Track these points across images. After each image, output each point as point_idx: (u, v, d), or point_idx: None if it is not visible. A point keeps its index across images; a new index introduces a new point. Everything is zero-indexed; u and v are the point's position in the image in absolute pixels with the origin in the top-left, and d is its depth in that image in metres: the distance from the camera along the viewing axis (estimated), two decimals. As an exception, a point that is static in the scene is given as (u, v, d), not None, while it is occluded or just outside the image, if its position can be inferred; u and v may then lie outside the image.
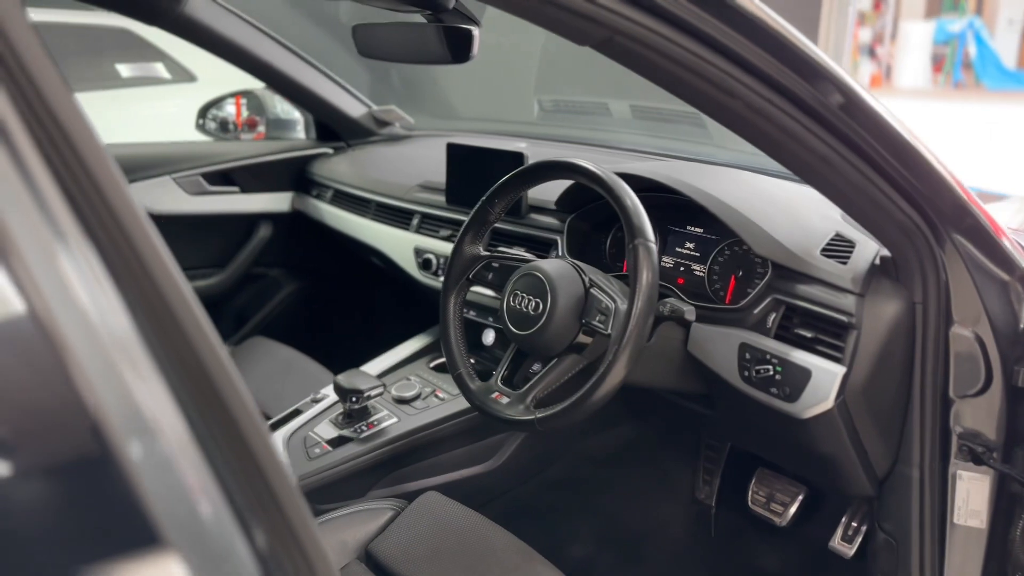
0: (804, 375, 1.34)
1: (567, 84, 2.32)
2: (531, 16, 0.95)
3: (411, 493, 1.74)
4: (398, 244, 2.12)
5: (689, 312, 1.33)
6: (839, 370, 1.30)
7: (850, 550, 1.78)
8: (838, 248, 1.40)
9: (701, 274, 1.61)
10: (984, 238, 1.31)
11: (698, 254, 1.63)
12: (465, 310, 2.01)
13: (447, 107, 2.68)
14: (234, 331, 2.61)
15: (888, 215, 1.24)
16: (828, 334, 1.34)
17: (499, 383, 1.44)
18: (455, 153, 1.96)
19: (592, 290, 1.35)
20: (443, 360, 2.04)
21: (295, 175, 2.59)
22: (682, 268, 1.65)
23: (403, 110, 2.61)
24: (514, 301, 1.40)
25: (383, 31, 1.20)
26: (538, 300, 1.36)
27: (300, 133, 2.69)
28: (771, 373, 1.37)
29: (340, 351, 2.20)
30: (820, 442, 1.40)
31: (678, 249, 1.67)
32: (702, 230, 1.63)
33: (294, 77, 2.37)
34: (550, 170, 1.42)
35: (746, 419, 1.57)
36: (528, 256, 1.49)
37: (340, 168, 2.49)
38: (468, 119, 2.63)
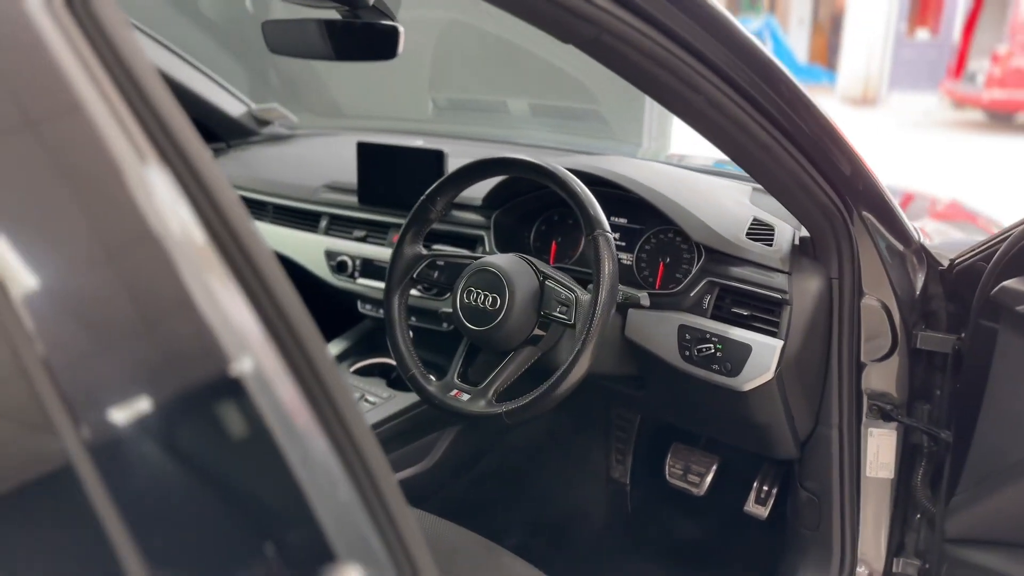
0: (744, 350, 1.43)
1: (463, 83, 2.32)
2: (522, 11, 0.96)
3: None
4: (305, 247, 2.05)
5: (644, 298, 1.40)
6: (777, 343, 1.41)
7: (764, 511, 1.92)
8: (759, 232, 1.51)
9: (629, 263, 1.68)
10: (888, 212, 1.46)
11: (624, 243, 1.70)
12: (367, 306, 1.99)
13: (332, 105, 2.61)
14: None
15: (813, 198, 1.36)
16: (763, 311, 1.44)
17: (456, 379, 1.44)
18: (367, 152, 1.93)
19: (548, 283, 1.38)
20: (367, 363, 2.01)
21: None
22: (607, 257, 1.72)
23: (285, 108, 2.52)
24: (468, 298, 1.40)
25: (297, 28, 1.12)
26: (495, 295, 1.37)
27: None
28: (712, 351, 1.46)
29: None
30: (757, 412, 1.51)
31: (604, 239, 1.73)
32: (626, 220, 1.70)
33: (168, 73, 2.23)
34: (497, 166, 1.43)
35: (683, 396, 1.65)
36: (473, 253, 1.50)
37: (225, 170, 2.36)
38: (356, 117, 2.58)
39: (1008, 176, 8.48)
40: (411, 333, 1.65)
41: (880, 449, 1.60)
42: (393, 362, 1.99)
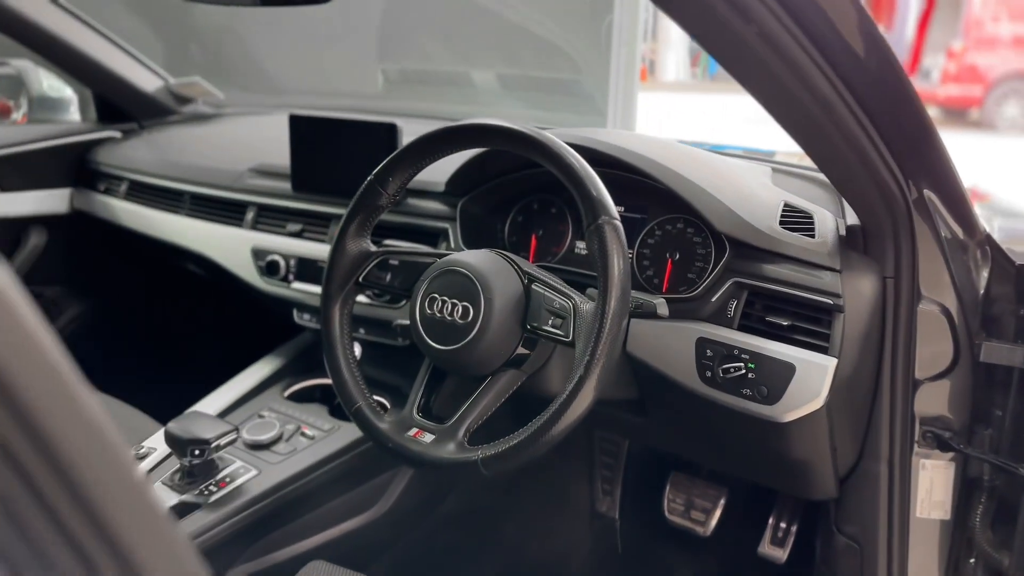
0: (785, 371, 1.13)
1: (419, 51, 1.99)
2: None
3: (284, 564, 1.36)
4: (228, 245, 1.70)
5: (661, 306, 1.08)
6: (829, 362, 1.10)
7: (783, 554, 1.63)
8: (795, 220, 1.21)
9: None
10: (955, 192, 1.18)
11: (621, 237, 1.38)
12: (304, 316, 1.65)
13: (264, 79, 2.25)
14: None
15: (874, 173, 1.06)
16: (808, 320, 1.14)
17: (416, 414, 1.10)
18: (302, 128, 1.58)
19: (536, 287, 1.05)
20: (304, 386, 1.66)
21: (73, 167, 2.04)
22: (600, 255, 1.40)
23: (208, 84, 2.15)
24: (432, 307, 1.07)
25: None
26: (466, 304, 1.04)
27: (75, 115, 2.15)
28: (742, 371, 1.15)
29: (155, 388, 1.74)
30: (797, 447, 1.21)
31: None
32: (623, 208, 1.38)
33: (67, 40, 1.85)
34: (467, 136, 1.10)
35: (698, 426, 1.34)
36: (436, 250, 1.17)
37: (136, 154, 1.99)
38: (293, 93, 2.22)
39: (964, 172, 8.43)
40: (357, 351, 1.31)
41: (934, 485, 1.32)
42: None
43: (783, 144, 1.47)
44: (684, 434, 1.42)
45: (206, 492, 1.31)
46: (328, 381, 1.64)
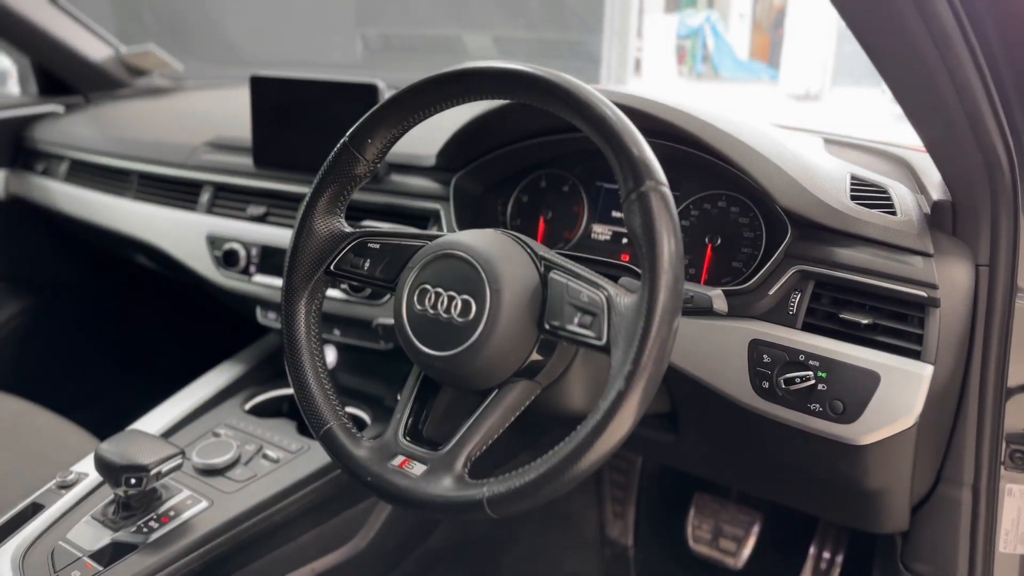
0: (867, 381, 0.90)
1: (402, 13, 1.75)
2: None
3: (241, 614, 1.12)
4: (179, 232, 1.45)
5: (718, 299, 0.84)
6: (924, 369, 0.88)
7: (827, 589, 1.40)
8: (867, 195, 0.99)
9: (657, 246, 1.13)
10: None
11: (649, 218, 1.15)
12: (270, 315, 1.41)
13: (228, 49, 2.01)
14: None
15: (980, 133, 0.85)
16: (895, 317, 0.91)
17: (402, 438, 0.86)
18: (265, 92, 1.34)
19: (555, 275, 0.82)
20: (266, 399, 1.42)
21: (8, 145, 1.79)
22: (625, 240, 1.17)
23: (165, 53, 1.89)
24: (422, 302, 0.84)
25: None
26: (467, 298, 0.81)
27: (12, 87, 1.90)
28: (811, 382, 0.92)
29: (100, 399, 1.49)
30: (875, 474, 0.99)
31: (616, 214, 1.18)
32: (651, 183, 1.15)
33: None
34: (468, 84, 0.86)
35: (746, 447, 1.11)
36: (427, 231, 0.94)
37: (78, 130, 1.74)
38: (261, 64, 1.98)
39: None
40: (331, 357, 1.07)
41: (1022, 513, 1.10)
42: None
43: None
44: (727, 456, 1.19)
45: (145, 529, 1.07)
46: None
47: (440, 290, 0.82)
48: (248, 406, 1.39)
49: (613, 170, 0.76)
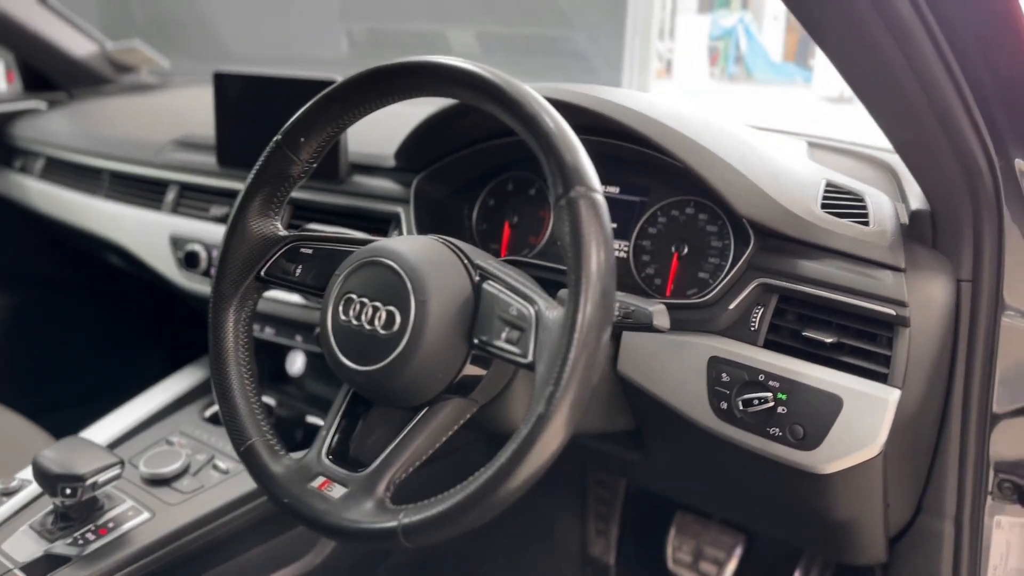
0: (829, 405, 0.83)
1: (387, 8, 1.70)
2: None
3: (181, 632, 1.08)
4: (144, 231, 1.42)
5: (659, 315, 0.78)
6: (890, 393, 0.81)
7: (811, 617, 1.33)
8: (841, 202, 0.92)
9: (623, 254, 1.07)
10: None
11: (615, 225, 1.09)
12: (256, 326, 1.36)
13: (215, 45, 1.98)
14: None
15: (955, 137, 0.78)
16: (862, 336, 0.85)
17: (325, 458, 0.81)
18: (228, 87, 1.30)
19: (487, 285, 0.76)
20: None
21: None
22: (591, 246, 1.10)
23: (152, 50, 1.87)
24: (347, 312, 0.78)
25: None
26: (391, 309, 0.75)
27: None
28: (769, 404, 0.86)
29: (68, 401, 1.46)
30: (842, 504, 0.92)
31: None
32: (618, 189, 1.09)
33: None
34: (398, 80, 0.81)
35: (708, 469, 1.05)
36: (362, 235, 0.89)
37: (56, 127, 1.72)
38: (248, 61, 1.95)
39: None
40: (299, 364, 1.03)
41: (1011, 548, 1.04)
42: (272, 402, 1.36)
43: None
44: (691, 477, 1.12)
45: (81, 541, 1.03)
46: (264, 400, 1.36)
47: (365, 300, 0.77)
48: (208, 413, 1.34)
49: (549, 174, 0.70)
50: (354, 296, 0.78)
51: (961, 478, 0.96)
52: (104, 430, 1.28)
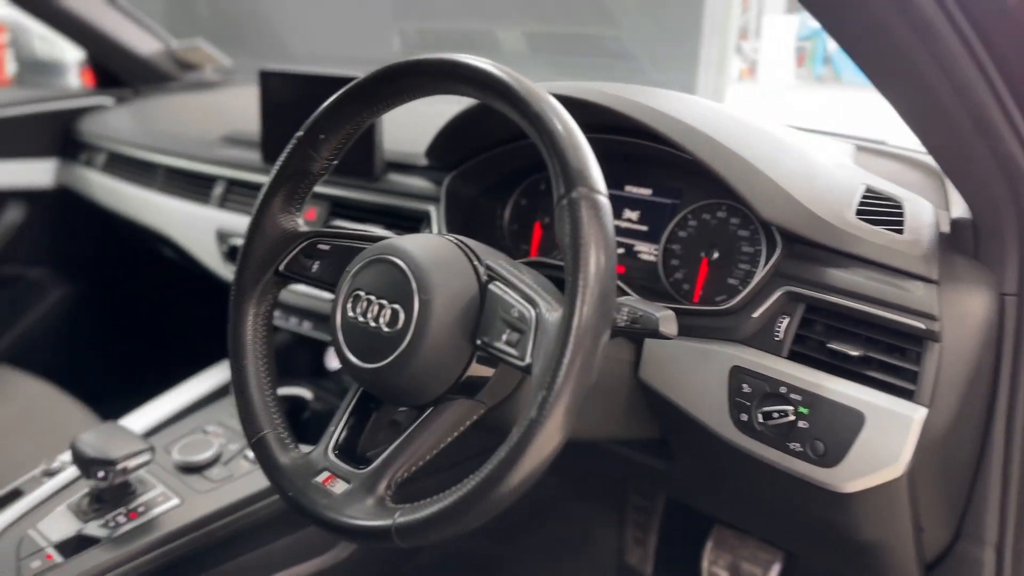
0: (850, 421, 0.79)
1: (438, 7, 1.71)
2: None
3: (205, 618, 1.10)
4: (194, 225, 1.46)
5: (666, 321, 0.75)
6: (915, 411, 0.76)
7: (851, 641, 1.27)
8: (878, 209, 0.87)
9: (652, 258, 1.05)
10: None
11: (645, 228, 1.07)
12: (292, 319, 1.38)
13: (276, 44, 2.03)
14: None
15: (994, 141, 0.73)
16: (889, 351, 0.80)
17: (331, 453, 0.81)
18: (272, 85, 1.32)
19: (493, 286, 0.75)
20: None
21: (59, 136, 1.85)
22: (621, 250, 1.09)
23: (217, 48, 1.92)
24: (355, 309, 0.79)
25: None
26: (396, 307, 0.75)
27: (74, 80, 1.96)
28: (790, 417, 0.82)
29: (120, 387, 1.51)
30: (865, 525, 0.87)
31: (615, 222, 1.10)
32: (650, 191, 1.07)
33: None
34: (410, 76, 0.81)
35: (731, 482, 1.02)
36: (380, 232, 0.89)
37: (119, 123, 1.78)
38: (306, 59, 1.99)
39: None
40: (333, 363, 1.04)
41: (1061, 581, 0.96)
42: (309, 396, 1.38)
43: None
44: (715, 490, 1.09)
45: (112, 523, 1.06)
46: (300, 392, 1.38)
47: (372, 297, 0.77)
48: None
49: (552, 174, 0.69)
50: (362, 293, 0.78)
51: (1004, 504, 0.91)
52: (145, 417, 1.32)
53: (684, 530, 1.54)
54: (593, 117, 0.96)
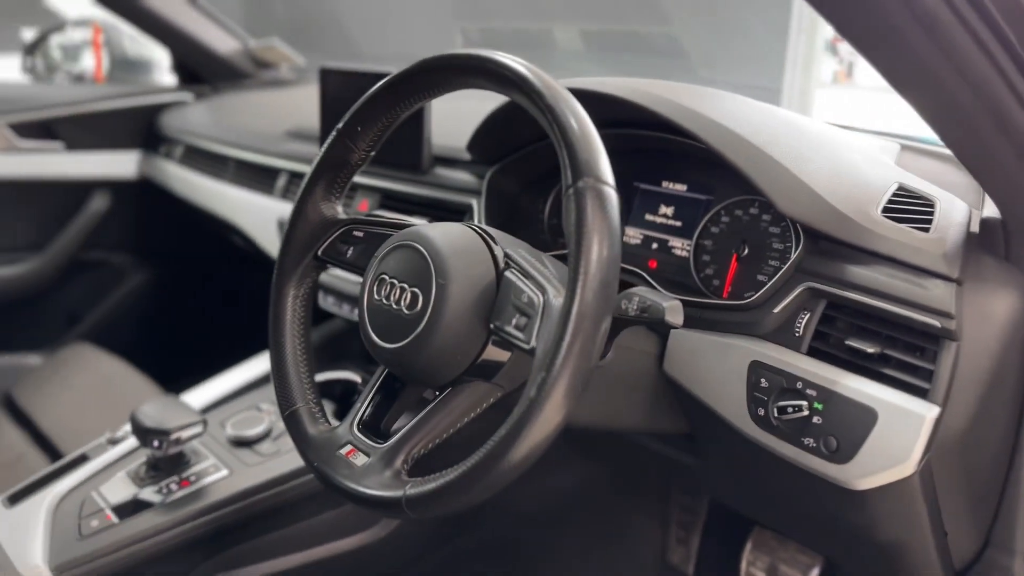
0: (863, 418, 0.79)
1: (500, 6, 1.75)
2: None
3: (248, 584, 1.16)
4: (259, 215, 1.53)
5: (672, 311, 0.77)
6: (929, 410, 0.76)
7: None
8: (908, 207, 0.87)
9: (684, 253, 1.06)
10: None
11: (679, 224, 1.08)
12: (345, 306, 1.44)
13: (346, 43, 2.10)
14: (59, 333, 1.98)
15: (1016, 136, 0.71)
16: (906, 349, 0.80)
17: (356, 428, 0.86)
18: (331, 82, 1.39)
19: (509, 273, 0.78)
20: (322, 379, 1.46)
21: (142, 129, 1.97)
22: (655, 245, 1.10)
23: (292, 48, 2.01)
24: (379, 292, 0.83)
25: None
26: (416, 290, 0.79)
27: (159, 76, 2.08)
28: (804, 413, 0.83)
29: (190, 364, 1.60)
30: (882, 524, 0.87)
31: (649, 217, 1.11)
32: (685, 187, 1.08)
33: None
34: (437, 71, 0.84)
35: (755, 478, 1.02)
36: (408, 220, 0.93)
37: (196, 118, 1.88)
38: (376, 58, 2.06)
39: None
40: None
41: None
42: (358, 380, 1.44)
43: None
44: (741, 486, 1.09)
45: (165, 490, 1.14)
46: (351, 375, 1.44)
47: (395, 281, 0.81)
48: (305, 385, 1.43)
49: (562, 165, 0.71)
50: (386, 277, 0.82)
51: None
52: (205, 393, 1.40)
53: (727, 531, 1.53)
54: (619, 112, 0.98)
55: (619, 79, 1.01)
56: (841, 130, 1.07)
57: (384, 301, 0.82)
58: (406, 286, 0.80)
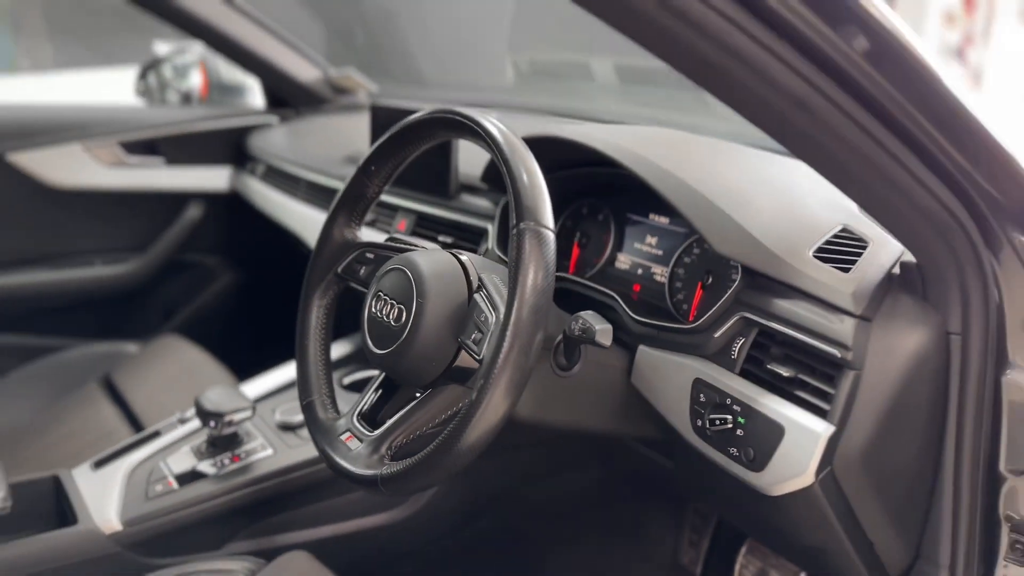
0: (774, 433, 0.91)
1: (548, 38, 1.90)
2: None
3: (287, 548, 1.36)
4: (316, 230, 1.74)
5: (602, 334, 0.91)
6: (823, 429, 0.87)
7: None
8: (841, 248, 0.97)
9: (662, 280, 1.19)
10: None
11: (660, 252, 1.21)
12: None
13: (415, 72, 2.30)
14: (155, 326, 2.26)
15: (916, 204, 0.82)
16: (814, 374, 0.91)
17: (356, 420, 1.04)
18: (379, 116, 1.57)
19: (478, 295, 0.94)
20: (362, 376, 1.65)
21: (233, 148, 2.23)
22: (640, 271, 1.23)
23: (368, 75, 2.22)
24: (376, 306, 1.00)
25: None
26: (401, 306, 0.96)
27: (252, 100, 2.34)
28: (729, 425, 0.95)
29: (265, 357, 1.83)
30: (800, 528, 0.98)
31: (637, 246, 1.25)
32: (667, 220, 1.21)
33: (231, 35, 2.01)
34: (428, 125, 1.02)
35: (708, 480, 1.14)
36: (408, 244, 1.10)
37: (277, 140, 2.12)
38: (437, 86, 2.25)
39: None
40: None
41: (1028, 612, 1.01)
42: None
43: None
44: (705, 491, 1.21)
45: (219, 464, 1.35)
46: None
47: (388, 297, 0.99)
48: (346, 381, 1.63)
49: (510, 207, 0.87)
50: (382, 294, 1.00)
51: (955, 530, 0.97)
52: (265, 383, 1.61)
53: (734, 535, 1.63)
54: (597, 154, 1.12)
55: (596, 127, 1.16)
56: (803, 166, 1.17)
57: (379, 314, 0.99)
58: (395, 302, 0.97)
